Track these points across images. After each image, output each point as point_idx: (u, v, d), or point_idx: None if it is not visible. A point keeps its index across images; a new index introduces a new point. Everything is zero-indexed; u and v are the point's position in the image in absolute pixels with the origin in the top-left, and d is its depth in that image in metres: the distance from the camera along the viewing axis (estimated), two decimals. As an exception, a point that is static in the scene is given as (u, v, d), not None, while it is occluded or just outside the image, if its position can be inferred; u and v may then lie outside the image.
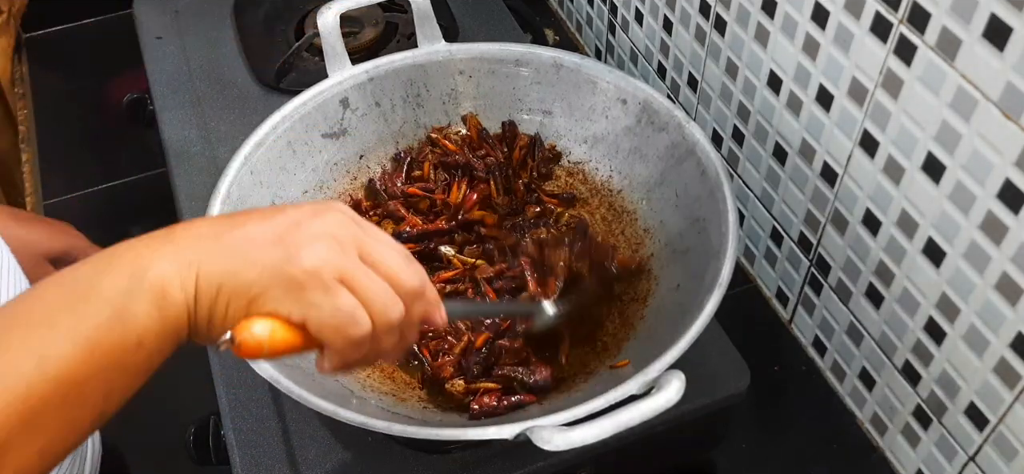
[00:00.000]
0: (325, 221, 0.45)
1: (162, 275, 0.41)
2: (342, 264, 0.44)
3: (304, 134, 0.75)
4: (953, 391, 0.65)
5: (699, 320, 0.58)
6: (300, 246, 0.43)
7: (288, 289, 0.42)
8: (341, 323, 0.44)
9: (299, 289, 0.43)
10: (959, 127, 0.57)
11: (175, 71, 0.99)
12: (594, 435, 0.51)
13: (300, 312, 0.43)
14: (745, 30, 0.77)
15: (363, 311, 0.44)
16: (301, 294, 0.43)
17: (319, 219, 0.45)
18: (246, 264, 0.42)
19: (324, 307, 0.43)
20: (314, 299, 0.43)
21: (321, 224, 0.44)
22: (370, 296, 0.44)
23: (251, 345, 0.42)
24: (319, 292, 0.43)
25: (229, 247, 0.43)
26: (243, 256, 0.42)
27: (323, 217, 0.45)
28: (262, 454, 0.66)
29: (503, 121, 0.82)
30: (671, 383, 0.53)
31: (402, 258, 0.47)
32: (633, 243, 0.75)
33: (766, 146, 0.80)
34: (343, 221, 0.45)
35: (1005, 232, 0.56)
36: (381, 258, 0.46)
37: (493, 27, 1.05)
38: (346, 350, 0.45)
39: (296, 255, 0.43)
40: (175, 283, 0.41)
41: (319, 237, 0.44)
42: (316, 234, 0.44)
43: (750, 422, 0.78)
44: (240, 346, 0.42)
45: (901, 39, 0.60)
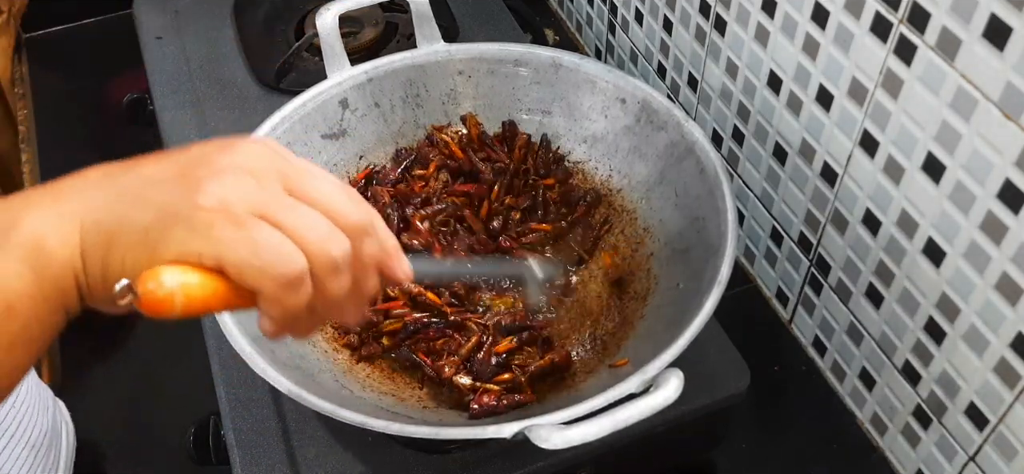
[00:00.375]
0: (237, 153, 0.38)
1: (35, 230, 0.35)
2: (259, 197, 0.36)
3: (304, 135, 0.75)
4: (953, 391, 0.65)
5: (698, 319, 0.58)
6: (204, 179, 0.36)
7: (192, 227, 0.35)
8: (267, 260, 0.36)
9: (206, 226, 0.35)
10: (959, 127, 0.57)
11: (175, 71, 0.99)
12: (593, 434, 0.51)
13: (211, 250, 0.35)
14: (745, 30, 0.77)
15: (292, 245, 0.37)
16: (209, 231, 0.35)
17: (230, 152, 0.38)
18: (139, 205, 0.36)
19: (238, 242, 0.35)
20: (223, 235, 0.35)
21: (232, 156, 0.37)
22: (300, 228, 0.37)
23: (158, 297, 0.35)
24: (229, 226, 0.35)
25: (119, 190, 0.36)
26: (136, 197, 0.36)
27: (235, 149, 0.38)
28: (262, 454, 0.66)
29: (503, 121, 0.82)
30: (670, 381, 0.53)
31: (341, 191, 0.39)
32: (633, 242, 0.75)
33: (766, 146, 0.80)
34: (261, 152, 0.38)
35: (1005, 232, 0.56)
36: (313, 190, 0.38)
37: (493, 27, 1.05)
38: (283, 297, 0.37)
39: (199, 188, 0.36)
40: (53, 239, 0.35)
41: (228, 169, 0.37)
42: (225, 167, 0.37)
43: (750, 422, 0.78)
44: (143, 299, 0.35)
45: (901, 39, 0.60)
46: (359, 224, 0.39)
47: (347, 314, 0.41)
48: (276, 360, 0.59)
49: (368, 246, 0.40)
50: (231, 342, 0.58)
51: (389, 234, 0.43)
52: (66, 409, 0.79)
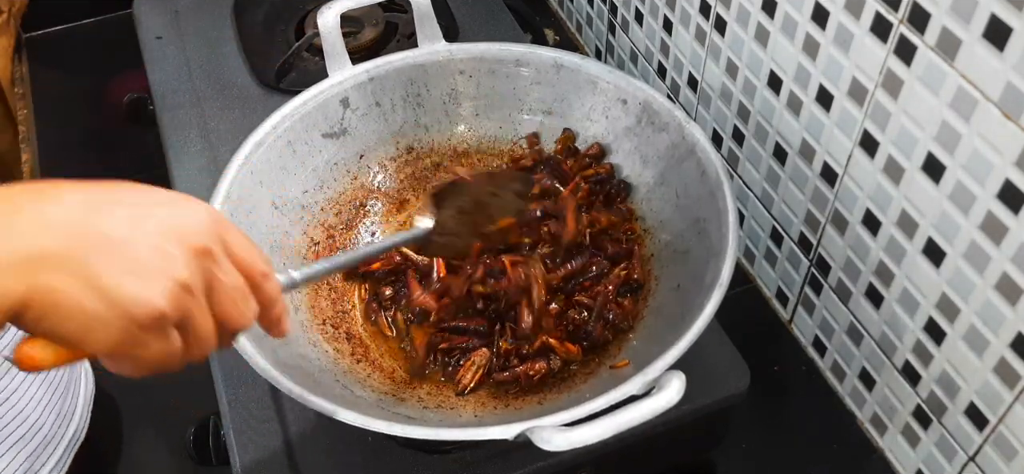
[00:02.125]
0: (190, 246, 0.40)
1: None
2: (186, 309, 0.40)
3: (304, 134, 0.75)
4: (953, 391, 0.65)
5: (699, 320, 0.58)
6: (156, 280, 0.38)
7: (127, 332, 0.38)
8: (158, 363, 0.40)
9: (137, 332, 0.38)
10: (959, 127, 0.57)
11: (175, 71, 0.99)
12: (594, 435, 0.51)
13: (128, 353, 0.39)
14: (745, 30, 0.77)
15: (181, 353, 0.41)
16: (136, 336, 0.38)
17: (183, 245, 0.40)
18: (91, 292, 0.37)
19: (152, 353, 0.40)
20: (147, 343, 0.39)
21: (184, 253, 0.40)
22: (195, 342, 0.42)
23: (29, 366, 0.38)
24: (155, 340, 0.39)
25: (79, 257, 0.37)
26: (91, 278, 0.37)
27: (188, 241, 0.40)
28: (262, 454, 0.66)
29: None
30: (671, 383, 0.53)
31: (242, 298, 0.43)
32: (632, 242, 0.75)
33: (766, 146, 0.80)
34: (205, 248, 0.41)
35: (1005, 232, 0.56)
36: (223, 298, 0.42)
37: (493, 27, 1.05)
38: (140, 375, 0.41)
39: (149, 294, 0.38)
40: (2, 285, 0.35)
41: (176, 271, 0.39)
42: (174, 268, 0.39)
43: (750, 422, 0.78)
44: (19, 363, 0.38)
45: (901, 39, 0.60)
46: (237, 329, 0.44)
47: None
48: (276, 360, 0.59)
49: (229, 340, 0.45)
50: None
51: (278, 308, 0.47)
52: None
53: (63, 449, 0.73)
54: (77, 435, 0.75)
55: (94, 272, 0.37)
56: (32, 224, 0.37)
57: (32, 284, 0.36)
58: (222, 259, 0.42)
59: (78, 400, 0.76)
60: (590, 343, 0.68)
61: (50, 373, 0.71)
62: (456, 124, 0.82)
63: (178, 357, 0.41)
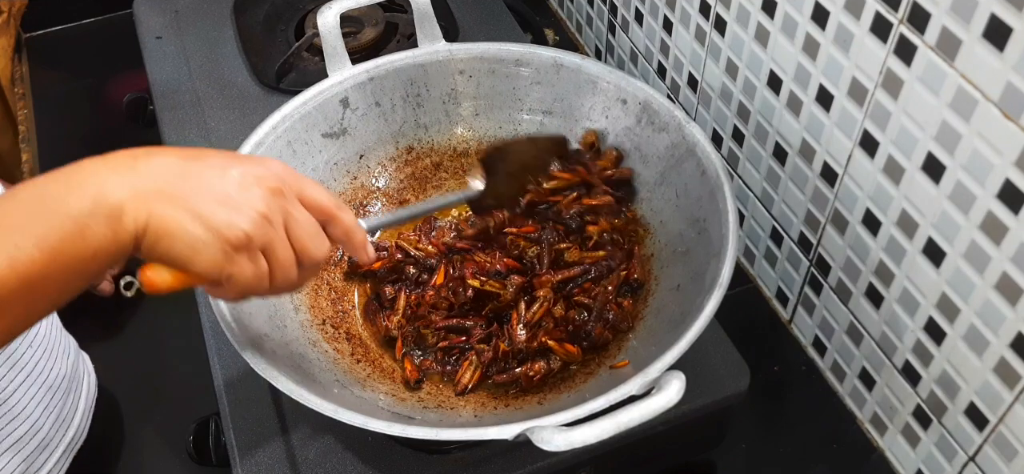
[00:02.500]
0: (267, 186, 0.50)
1: (120, 203, 0.45)
2: (268, 235, 0.49)
3: (304, 134, 0.75)
4: (953, 391, 0.65)
5: (699, 320, 0.58)
6: (243, 208, 0.48)
7: (223, 253, 0.48)
8: (251, 287, 0.50)
9: (231, 252, 0.48)
10: (959, 127, 0.57)
11: (175, 71, 0.99)
12: (594, 435, 0.51)
13: (227, 273, 0.48)
14: (745, 30, 0.77)
15: (268, 277, 0.51)
16: (231, 257, 0.48)
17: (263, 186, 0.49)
18: (194, 218, 0.47)
19: (246, 273, 0.49)
20: (241, 265, 0.49)
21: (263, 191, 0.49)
22: (278, 266, 0.51)
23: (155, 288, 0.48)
24: (246, 260, 0.49)
25: (182, 194, 0.47)
26: (193, 209, 0.47)
27: (266, 183, 0.50)
28: (262, 454, 0.66)
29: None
30: (671, 383, 0.53)
31: (315, 233, 0.53)
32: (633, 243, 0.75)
33: (766, 146, 0.80)
34: (280, 189, 0.50)
35: (1005, 232, 0.56)
36: (301, 232, 0.51)
37: (493, 27, 1.05)
38: (239, 298, 0.52)
39: (238, 220, 0.48)
40: (129, 214, 0.45)
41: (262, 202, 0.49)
42: (260, 198, 0.49)
43: (750, 422, 0.78)
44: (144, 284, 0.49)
45: (901, 39, 0.60)
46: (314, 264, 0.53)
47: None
48: (276, 360, 0.59)
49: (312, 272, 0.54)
50: (231, 342, 0.58)
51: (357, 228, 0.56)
52: (90, 360, 0.80)
53: (61, 452, 0.73)
54: (76, 438, 0.75)
55: (195, 204, 0.47)
56: (147, 168, 0.47)
57: (151, 212, 0.46)
58: (293, 199, 0.51)
59: (79, 403, 0.76)
60: (590, 343, 0.68)
61: (49, 376, 0.71)
62: (456, 124, 0.82)
63: (266, 281, 0.50)
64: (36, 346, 0.70)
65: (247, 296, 0.51)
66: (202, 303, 0.76)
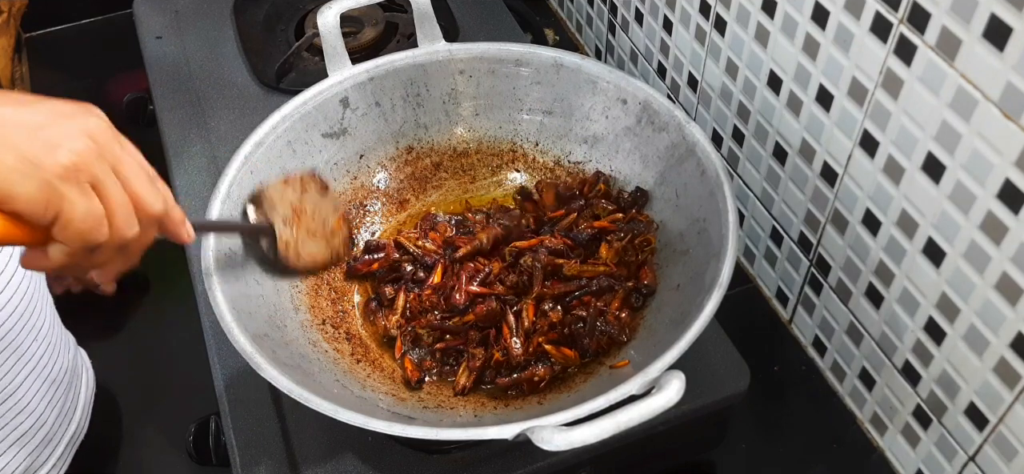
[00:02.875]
0: (87, 123, 0.45)
1: None
2: (97, 170, 0.44)
3: (304, 134, 0.75)
4: (953, 391, 0.65)
5: (699, 320, 0.58)
6: (62, 140, 0.43)
7: (47, 181, 0.42)
8: (89, 228, 0.44)
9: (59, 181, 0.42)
10: (959, 127, 0.57)
11: (175, 71, 0.99)
12: (594, 435, 0.51)
13: (56, 207, 0.43)
14: (745, 30, 0.77)
15: (106, 222, 0.45)
16: (59, 187, 0.42)
17: (81, 119, 0.45)
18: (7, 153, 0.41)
19: (78, 207, 0.43)
20: (71, 196, 0.43)
21: (83, 123, 0.45)
22: (114, 209, 0.46)
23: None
24: (76, 190, 0.43)
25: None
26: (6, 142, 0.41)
27: (85, 118, 0.46)
28: (262, 454, 0.66)
29: None
30: (671, 383, 0.53)
31: (149, 180, 0.48)
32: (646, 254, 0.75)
33: (766, 146, 0.80)
34: (103, 127, 0.46)
35: (1005, 232, 0.56)
36: (131, 174, 0.47)
37: (493, 27, 1.05)
38: (78, 253, 0.45)
39: (57, 147, 0.43)
40: None
41: (81, 135, 0.44)
42: (79, 130, 0.44)
43: (750, 422, 0.78)
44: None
45: (901, 39, 0.60)
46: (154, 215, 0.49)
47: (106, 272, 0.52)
48: (276, 360, 0.59)
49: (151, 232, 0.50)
50: (231, 342, 0.58)
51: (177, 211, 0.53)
52: (87, 356, 0.81)
53: (64, 447, 0.73)
54: (78, 433, 0.75)
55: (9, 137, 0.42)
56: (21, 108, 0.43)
57: None
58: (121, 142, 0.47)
59: (79, 398, 0.76)
60: (582, 352, 0.68)
61: (53, 370, 0.71)
62: (456, 124, 0.82)
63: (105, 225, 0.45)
64: (41, 340, 0.70)
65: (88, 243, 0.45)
66: (203, 303, 0.76)
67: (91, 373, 0.80)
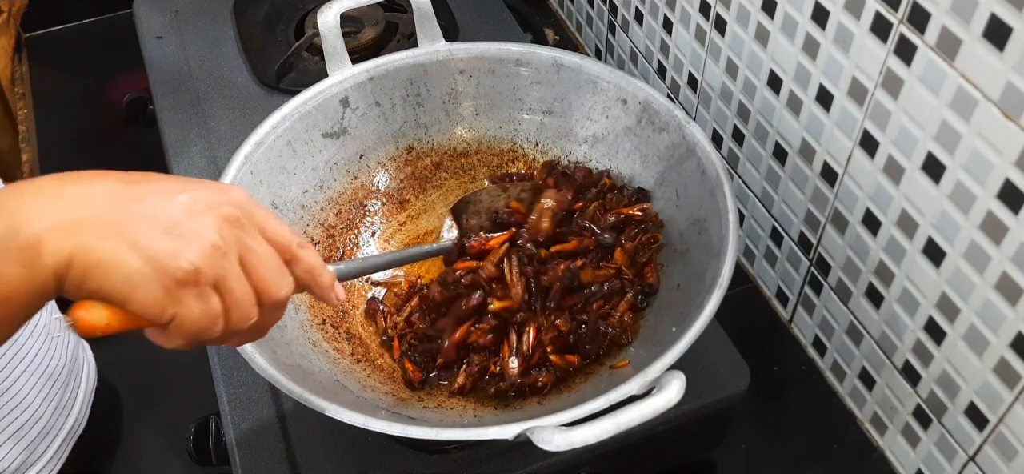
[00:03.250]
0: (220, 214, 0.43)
1: (38, 235, 0.39)
2: (221, 269, 0.43)
3: (304, 134, 0.75)
4: (953, 391, 0.65)
5: (699, 320, 0.58)
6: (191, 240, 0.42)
7: (166, 288, 0.41)
8: (202, 327, 0.43)
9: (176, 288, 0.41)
10: (959, 127, 0.57)
11: (175, 71, 0.99)
12: (594, 435, 0.51)
13: (172, 313, 0.42)
14: (745, 30, 0.77)
15: (223, 318, 0.44)
16: (176, 294, 0.41)
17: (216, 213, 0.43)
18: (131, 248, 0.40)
19: (193, 312, 0.42)
20: (187, 302, 0.42)
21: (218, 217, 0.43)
22: (233, 304, 0.44)
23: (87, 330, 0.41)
24: (193, 296, 0.42)
25: (117, 222, 0.41)
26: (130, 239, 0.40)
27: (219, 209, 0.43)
28: (262, 454, 0.66)
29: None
30: (671, 383, 0.53)
31: (277, 268, 0.46)
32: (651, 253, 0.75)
33: (766, 146, 0.80)
34: (235, 217, 0.44)
35: (1005, 232, 0.56)
36: (257, 264, 0.45)
37: (493, 27, 1.05)
38: (188, 344, 0.44)
39: (185, 249, 0.41)
40: (49, 247, 0.39)
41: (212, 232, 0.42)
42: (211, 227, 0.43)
43: (750, 422, 0.78)
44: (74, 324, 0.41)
45: (901, 39, 0.60)
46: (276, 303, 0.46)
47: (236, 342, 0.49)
48: (276, 360, 0.59)
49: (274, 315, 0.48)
50: (231, 342, 0.58)
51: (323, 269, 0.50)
52: (90, 350, 0.80)
53: (61, 441, 0.73)
54: (76, 427, 0.75)
55: (132, 233, 0.40)
56: (77, 195, 0.41)
57: (77, 244, 0.39)
58: (252, 230, 0.45)
59: (78, 392, 0.76)
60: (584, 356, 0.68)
61: (50, 364, 0.71)
62: (456, 124, 0.82)
63: (220, 322, 0.44)
64: (37, 335, 0.70)
65: (197, 341, 0.44)
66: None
67: (93, 367, 0.80)
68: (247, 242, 0.44)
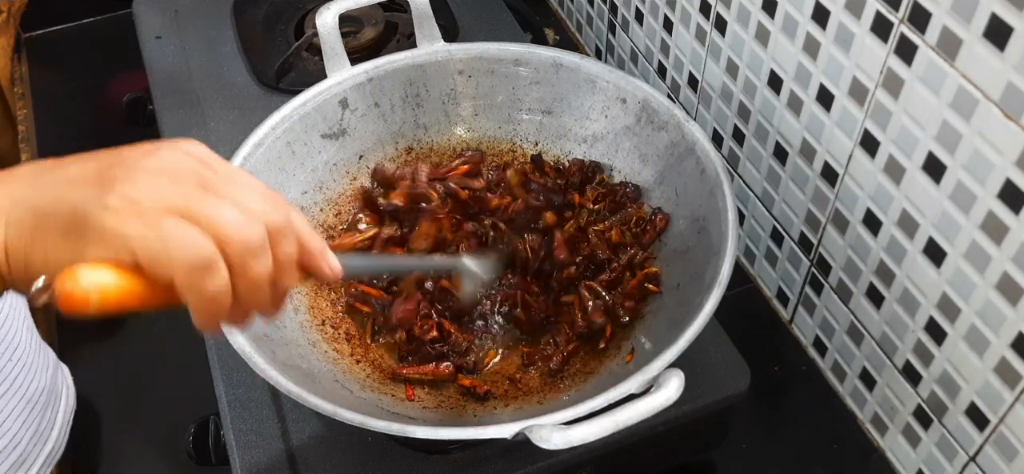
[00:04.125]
0: (157, 157, 0.40)
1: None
2: (169, 196, 0.38)
3: (303, 135, 0.75)
4: (954, 391, 0.65)
5: (699, 320, 0.57)
6: (118, 180, 0.38)
7: (103, 227, 0.37)
8: (174, 249, 0.37)
9: (116, 225, 0.37)
10: (960, 127, 0.57)
11: (175, 71, 0.99)
12: (593, 434, 0.51)
13: (123, 246, 0.37)
14: (746, 30, 0.77)
15: (199, 234, 0.38)
16: (119, 229, 0.37)
17: (150, 155, 0.40)
18: (58, 203, 0.38)
19: (148, 237, 0.37)
20: (134, 231, 0.37)
21: (150, 159, 0.39)
22: (212, 218, 0.39)
23: (74, 296, 0.36)
24: (138, 222, 0.37)
25: (42, 187, 0.38)
26: (55, 196, 0.38)
27: (155, 153, 0.40)
28: (262, 454, 0.66)
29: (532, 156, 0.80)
30: (670, 382, 0.53)
31: (260, 194, 0.41)
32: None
33: (767, 146, 0.80)
34: (180, 157, 0.40)
35: (1006, 232, 0.56)
36: (231, 190, 0.40)
37: (493, 27, 1.05)
38: (196, 283, 0.38)
39: (112, 189, 0.38)
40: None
41: (143, 171, 0.39)
42: (141, 168, 0.39)
43: (750, 422, 0.78)
44: (59, 298, 0.36)
45: (902, 39, 0.60)
46: (275, 224, 0.41)
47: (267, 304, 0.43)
48: (276, 360, 0.59)
49: (285, 246, 0.42)
50: (231, 342, 0.58)
51: (313, 234, 0.45)
52: (69, 373, 0.80)
53: (39, 466, 0.72)
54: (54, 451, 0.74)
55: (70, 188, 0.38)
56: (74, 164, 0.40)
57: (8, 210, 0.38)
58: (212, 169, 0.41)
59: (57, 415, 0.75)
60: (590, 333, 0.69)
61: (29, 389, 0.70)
62: (455, 124, 0.82)
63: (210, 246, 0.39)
64: (16, 360, 0.69)
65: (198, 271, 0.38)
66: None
67: (72, 390, 0.79)
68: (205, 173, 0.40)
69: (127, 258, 0.37)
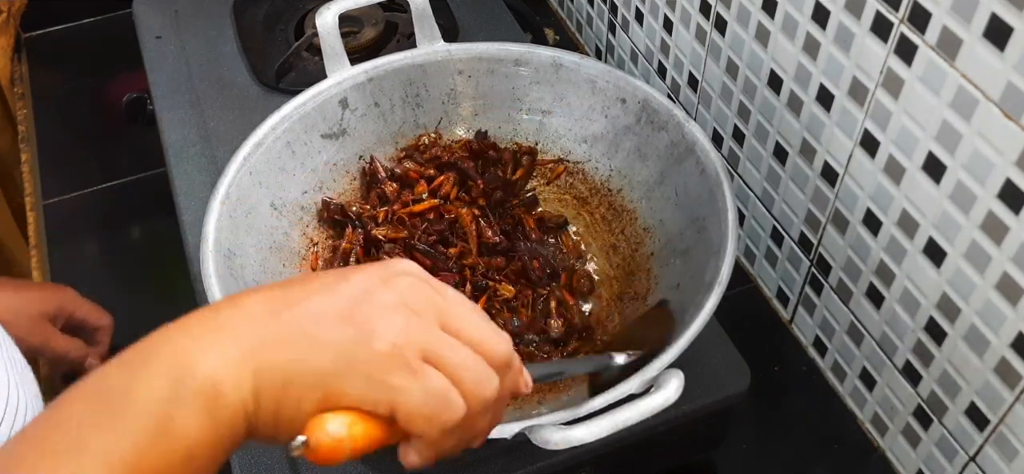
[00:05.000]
0: (397, 287, 0.39)
1: (212, 374, 0.34)
2: (424, 337, 0.38)
3: (303, 135, 0.75)
4: (954, 391, 0.65)
5: (699, 319, 0.57)
6: (374, 320, 0.37)
7: (369, 375, 0.37)
8: (434, 409, 0.38)
9: (382, 373, 0.37)
10: (960, 127, 0.57)
11: (175, 71, 0.99)
12: (594, 434, 0.51)
13: (387, 400, 0.37)
14: (746, 30, 0.77)
15: (456, 392, 0.38)
16: (385, 378, 0.37)
17: (389, 286, 0.39)
18: (315, 349, 0.36)
19: (413, 392, 0.37)
20: (400, 383, 0.37)
21: (393, 292, 0.39)
22: (461, 373, 0.39)
23: (328, 446, 0.36)
24: (405, 374, 0.37)
25: (289, 329, 0.37)
26: (310, 340, 0.36)
27: (393, 282, 0.39)
28: (262, 454, 0.66)
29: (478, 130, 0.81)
30: (670, 382, 0.53)
31: (486, 323, 0.41)
32: (633, 242, 0.75)
33: (766, 146, 0.80)
34: (416, 285, 0.40)
35: (1006, 232, 0.56)
36: (464, 325, 0.40)
37: (493, 27, 1.05)
38: (440, 439, 0.39)
39: (371, 332, 0.37)
40: (228, 384, 0.35)
41: (393, 308, 0.38)
42: (389, 304, 0.38)
43: (750, 422, 0.78)
44: (316, 450, 0.36)
45: (902, 39, 0.60)
46: (504, 359, 0.41)
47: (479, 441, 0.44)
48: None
49: (509, 378, 0.42)
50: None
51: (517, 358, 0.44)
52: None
53: None
54: None
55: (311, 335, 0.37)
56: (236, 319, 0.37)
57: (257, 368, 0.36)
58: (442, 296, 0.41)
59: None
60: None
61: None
62: (455, 124, 0.82)
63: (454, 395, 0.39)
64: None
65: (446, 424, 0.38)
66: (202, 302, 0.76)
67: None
68: (440, 304, 0.39)
69: (385, 409, 0.38)
